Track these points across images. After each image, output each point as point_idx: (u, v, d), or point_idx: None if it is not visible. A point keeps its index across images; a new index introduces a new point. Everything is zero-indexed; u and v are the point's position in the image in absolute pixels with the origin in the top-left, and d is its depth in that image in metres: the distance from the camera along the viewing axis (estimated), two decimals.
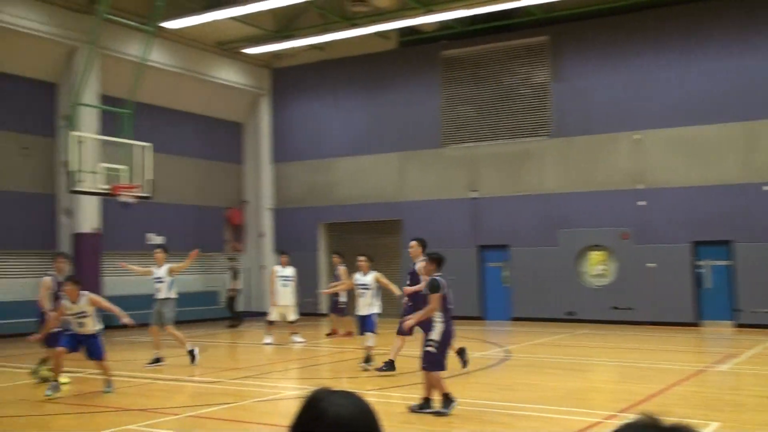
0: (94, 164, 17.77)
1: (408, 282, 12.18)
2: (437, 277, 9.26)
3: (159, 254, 14.46)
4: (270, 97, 27.68)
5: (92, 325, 11.00)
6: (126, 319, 11.31)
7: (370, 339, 13.15)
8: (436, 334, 9.12)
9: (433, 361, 9.09)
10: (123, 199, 17.93)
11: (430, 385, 9.16)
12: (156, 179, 19.81)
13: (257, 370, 13.95)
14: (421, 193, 24.58)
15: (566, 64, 22.72)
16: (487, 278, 23.58)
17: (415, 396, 9.58)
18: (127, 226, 22.75)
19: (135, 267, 15.24)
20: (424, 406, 9.17)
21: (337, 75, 26.28)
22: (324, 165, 26.39)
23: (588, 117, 22.25)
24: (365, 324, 13.31)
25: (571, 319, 21.71)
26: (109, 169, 17.89)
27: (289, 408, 9.51)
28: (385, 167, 25.27)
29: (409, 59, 24.97)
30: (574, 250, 22.24)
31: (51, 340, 11.24)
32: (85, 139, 17.62)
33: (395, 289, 13.61)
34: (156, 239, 23.70)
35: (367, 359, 12.94)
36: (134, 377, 12.41)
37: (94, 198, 20.69)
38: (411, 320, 9.90)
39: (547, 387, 11.24)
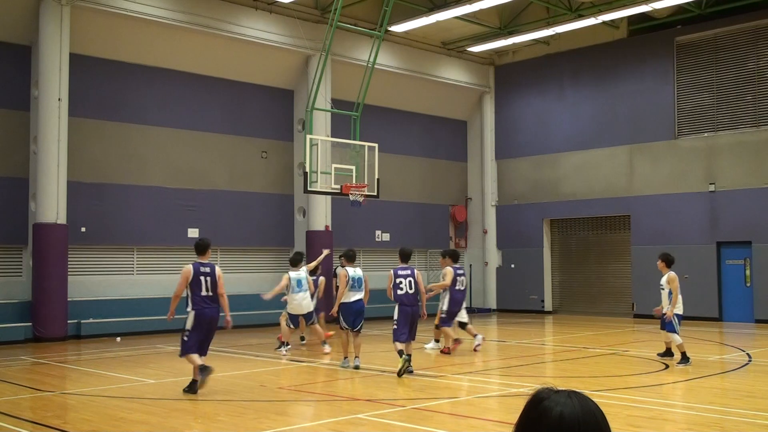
0: (326, 165, 18.65)
1: None
2: None
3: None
4: (493, 94, 27.66)
5: None
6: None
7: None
8: None
9: None
10: (353, 197, 18.64)
11: None
12: (382, 178, 20.47)
13: (482, 366, 13.97)
14: (652, 187, 23.47)
15: None
16: (725, 277, 22.03)
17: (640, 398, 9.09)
18: (355, 224, 23.75)
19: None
20: None
21: (562, 68, 25.74)
22: (549, 160, 25.95)
23: None
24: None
25: None
26: (339, 169, 18.69)
27: (513, 405, 9.45)
28: (614, 161, 24.39)
29: (640, 48, 23.90)
30: None
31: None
32: (318, 142, 18.53)
33: None
34: (383, 236, 24.55)
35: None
36: (367, 368, 12.85)
37: (325, 197, 21.79)
38: None
39: None
